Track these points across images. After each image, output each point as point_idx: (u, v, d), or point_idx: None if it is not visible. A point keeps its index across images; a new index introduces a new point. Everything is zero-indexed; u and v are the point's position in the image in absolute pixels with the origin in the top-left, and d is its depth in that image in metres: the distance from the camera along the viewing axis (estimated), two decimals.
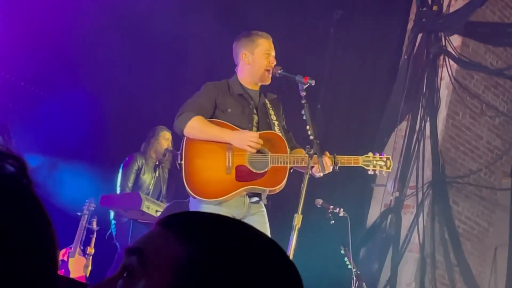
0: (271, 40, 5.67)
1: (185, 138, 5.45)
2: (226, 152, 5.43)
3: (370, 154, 5.68)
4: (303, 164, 5.35)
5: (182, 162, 5.42)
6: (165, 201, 8.41)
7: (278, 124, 5.64)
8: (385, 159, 5.69)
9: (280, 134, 5.57)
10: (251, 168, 5.42)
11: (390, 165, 5.72)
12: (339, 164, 5.46)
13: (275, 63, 5.60)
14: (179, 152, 5.55)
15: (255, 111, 5.61)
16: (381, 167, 5.66)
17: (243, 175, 5.40)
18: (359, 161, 5.61)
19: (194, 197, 5.35)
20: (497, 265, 9.95)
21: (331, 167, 5.41)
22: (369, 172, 5.69)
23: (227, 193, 5.38)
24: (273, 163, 5.42)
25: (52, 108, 8.42)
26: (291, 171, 5.50)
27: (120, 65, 8.59)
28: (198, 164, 5.42)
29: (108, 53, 8.51)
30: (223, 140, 5.39)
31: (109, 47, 8.48)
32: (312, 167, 5.33)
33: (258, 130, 5.57)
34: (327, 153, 5.43)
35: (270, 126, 5.61)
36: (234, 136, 5.38)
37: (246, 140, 5.36)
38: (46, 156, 8.15)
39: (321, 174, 5.39)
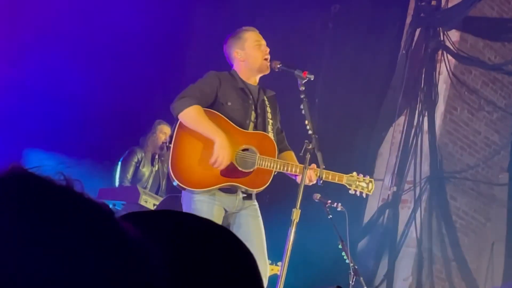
0: (257, 31, 5.68)
1: (178, 122, 5.43)
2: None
3: (355, 174, 5.67)
4: (290, 172, 5.37)
5: (171, 145, 5.41)
6: (164, 195, 8.42)
7: (272, 124, 5.63)
8: (367, 181, 5.69)
9: (272, 136, 5.57)
10: (237, 166, 5.41)
11: (371, 188, 5.72)
12: (323, 179, 5.45)
13: (268, 50, 5.60)
14: (169, 136, 5.54)
15: (253, 107, 5.60)
16: (362, 188, 5.66)
17: (228, 170, 5.38)
18: (343, 179, 5.61)
19: (173, 180, 5.32)
20: (494, 260, 9.96)
21: (315, 180, 5.42)
22: (350, 192, 5.69)
23: (208, 186, 5.36)
24: (259, 165, 5.42)
25: (50, 102, 8.41)
26: (275, 173, 5.48)
27: (119, 59, 8.58)
28: (187, 151, 5.40)
29: (106, 46, 8.50)
30: (211, 137, 5.34)
31: (109, 41, 8.48)
32: (296, 175, 5.35)
33: (255, 126, 5.56)
34: (314, 165, 5.41)
35: (265, 126, 5.61)
36: (220, 140, 5.32)
37: (222, 153, 5.31)
38: (44, 151, 8.15)
39: (311, 183, 5.42)
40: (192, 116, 5.36)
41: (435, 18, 9.75)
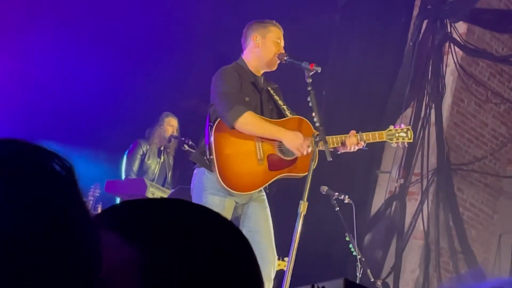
0: (282, 31, 5.70)
1: (212, 132, 5.42)
2: (255, 142, 5.44)
3: (391, 127, 5.75)
4: (333, 145, 5.39)
5: (213, 156, 5.38)
6: (170, 187, 8.43)
7: (287, 108, 5.66)
8: (405, 130, 5.76)
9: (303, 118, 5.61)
10: (281, 156, 5.46)
11: (411, 135, 5.80)
12: (365, 141, 5.51)
13: (283, 52, 5.62)
14: (207, 147, 5.51)
15: (260, 99, 5.62)
16: (403, 138, 5.72)
17: (275, 163, 5.42)
18: (383, 135, 5.67)
19: (228, 191, 5.33)
20: (501, 252, 9.96)
21: (361, 145, 5.48)
22: (393, 145, 5.78)
23: (262, 184, 5.43)
24: None
25: (57, 93, 8.42)
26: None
27: (125, 51, 8.58)
28: (230, 157, 5.42)
29: (113, 38, 8.51)
30: (276, 138, 5.42)
31: (114, 33, 8.48)
32: (340, 146, 5.43)
33: (269, 116, 5.59)
34: (353, 131, 5.48)
35: (277, 113, 5.63)
36: (288, 136, 5.39)
37: (299, 145, 5.36)
38: (51, 141, 8.16)
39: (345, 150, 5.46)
40: (251, 122, 5.38)
41: (442, 10, 9.72)
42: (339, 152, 5.48)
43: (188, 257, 1.07)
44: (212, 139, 5.43)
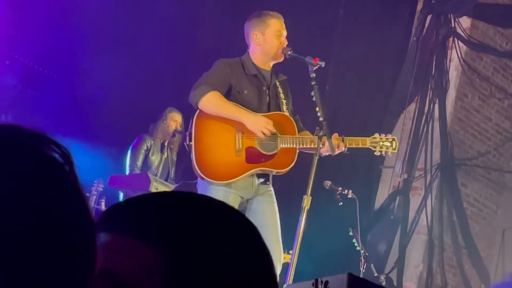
0: (283, 20, 5.65)
1: (194, 118, 5.42)
2: (236, 134, 5.42)
3: (377, 135, 5.70)
4: (311, 146, 5.36)
5: (192, 143, 5.40)
6: (173, 183, 8.42)
7: (286, 103, 5.64)
8: (390, 140, 5.71)
9: (288, 115, 5.58)
10: (260, 150, 5.42)
11: (395, 146, 5.74)
12: (347, 146, 5.47)
13: (286, 43, 5.58)
14: (187, 133, 5.53)
15: (267, 92, 5.61)
16: (387, 148, 5.68)
17: (252, 156, 5.39)
18: (366, 142, 5.63)
19: (203, 178, 5.34)
20: (505, 247, 9.95)
21: (342, 149, 5.43)
22: (376, 153, 5.72)
23: (237, 176, 5.37)
24: (282, 145, 5.43)
25: (61, 88, 8.42)
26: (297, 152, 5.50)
27: (129, 45, 8.57)
28: (208, 145, 5.41)
29: (117, 33, 8.50)
30: (237, 119, 5.37)
31: (118, 28, 8.47)
32: (321, 147, 5.34)
33: (268, 111, 5.57)
34: (336, 134, 5.44)
35: (279, 107, 5.62)
36: (249, 118, 5.36)
37: (260, 125, 5.34)
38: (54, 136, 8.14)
39: (328, 153, 5.41)
40: (212, 101, 5.36)
41: (446, 5, 9.70)
42: (322, 155, 5.43)
43: (203, 251, 1.05)
44: (192, 125, 5.43)
